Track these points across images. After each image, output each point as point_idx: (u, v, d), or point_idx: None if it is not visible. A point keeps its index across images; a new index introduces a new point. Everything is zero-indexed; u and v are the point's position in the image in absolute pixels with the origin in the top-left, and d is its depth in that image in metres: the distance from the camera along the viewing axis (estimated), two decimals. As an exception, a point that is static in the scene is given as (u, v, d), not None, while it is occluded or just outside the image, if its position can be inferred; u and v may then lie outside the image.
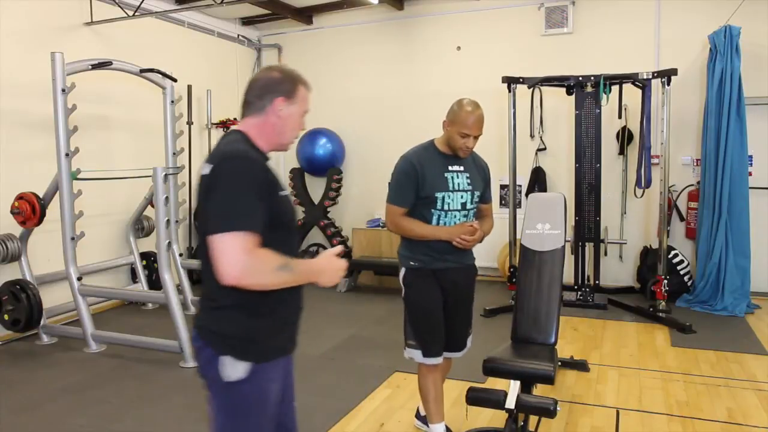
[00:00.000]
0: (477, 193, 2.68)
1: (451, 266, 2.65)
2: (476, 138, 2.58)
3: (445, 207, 2.61)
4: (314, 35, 7.37)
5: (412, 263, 2.66)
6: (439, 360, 2.67)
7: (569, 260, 5.35)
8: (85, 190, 4.44)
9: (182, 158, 5.89)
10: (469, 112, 2.52)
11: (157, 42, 6.08)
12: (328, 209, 7.11)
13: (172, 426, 3.14)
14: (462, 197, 2.63)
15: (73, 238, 4.34)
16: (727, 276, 5.19)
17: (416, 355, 2.66)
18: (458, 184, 2.62)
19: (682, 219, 5.86)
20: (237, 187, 1.50)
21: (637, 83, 5.26)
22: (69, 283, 4.41)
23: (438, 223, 2.62)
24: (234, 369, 1.56)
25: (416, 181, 2.58)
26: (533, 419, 2.77)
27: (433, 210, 2.61)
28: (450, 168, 2.62)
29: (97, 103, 5.40)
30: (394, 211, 2.66)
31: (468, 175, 2.66)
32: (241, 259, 1.45)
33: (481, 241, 2.68)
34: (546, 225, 4.22)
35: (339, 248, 1.69)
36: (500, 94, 5.86)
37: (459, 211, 2.63)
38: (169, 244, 4.34)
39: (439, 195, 2.59)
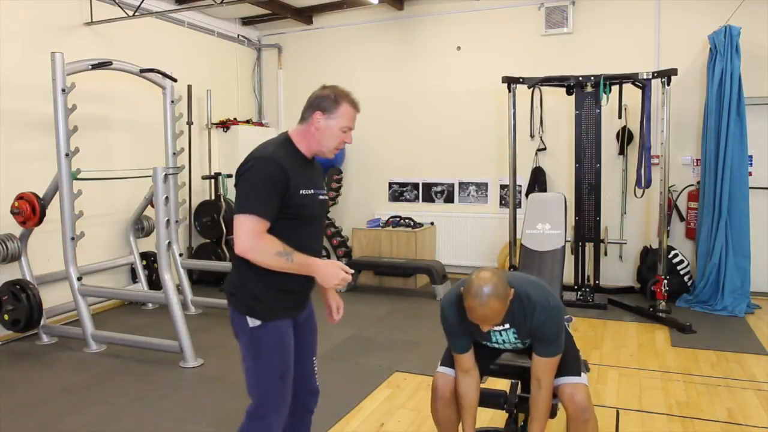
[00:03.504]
0: (529, 342, 2.27)
1: None
2: (494, 325, 2.13)
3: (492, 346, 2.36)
4: (314, 35, 7.37)
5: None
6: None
7: (569, 260, 5.36)
8: (85, 190, 4.44)
9: (182, 158, 5.89)
10: (471, 307, 2.06)
11: (157, 42, 6.08)
12: (328, 209, 7.11)
13: (172, 426, 3.14)
14: (510, 347, 2.33)
15: (73, 238, 4.34)
16: (727, 276, 5.19)
17: None
18: (503, 340, 2.29)
19: (682, 219, 5.86)
20: (253, 182, 1.88)
21: (637, 83, 5.26)
22: (69, 283, 4.41)
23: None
24: (250, 320, 1.96)
25: (463, 334, 2.28)
26: (533, 419, 2.77)
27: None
28: (492, 329, 2.23)
29: (97, 103, 5.40)
30: (455, 358, 2.34)
31: (515, 330, 2.23)
32: (248, 237, 1.84)
33: None
34: (546, 225, 4.23)
35: (350, 270, 1.94)
36: (500, 94, 5.87)
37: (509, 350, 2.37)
38: (169, 244, 4.34)
39: (483, 342, 2.33)
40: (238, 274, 1.99)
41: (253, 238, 1.84)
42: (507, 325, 2.21)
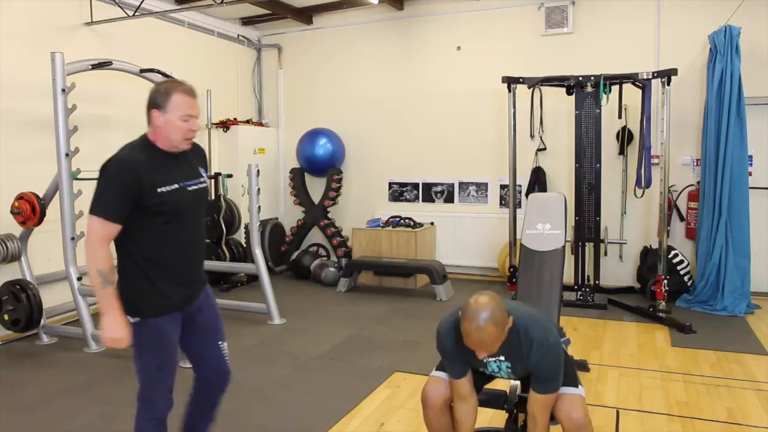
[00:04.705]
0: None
1: None
2: (490, 352, 2.08)
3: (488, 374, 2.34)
4: (314, 35, 7.37)
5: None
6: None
7: (569, 260, 5.34)
8: (85, 190, 4.44)
9: (182, 158, 5.88)
10: (467, 331, 2.02)
11: (157, 42, 6.08)
12: (328, 209, 7.11)
13: (171, 426, 3.13)
14: (505, 376, 2.30)
15: (73, 238, 4.34)
16: (727, 276, 5.19)
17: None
18: (498, 368, 2.25)
19: (682, 219, 5.86)
20: (104, 185, 1.95)
21: (637, 83, 5.26)
22: (69, 283, 4.41)
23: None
24: (130, 317, 2.09)
25: (460, 360, 2.26)
26: (533, 419, 2.76)
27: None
28: (486, 358, 2.21)
29: (97, 103, 5.40)
30: (451, 383, 2.31)
31: (510, 363, 2.20)
32: (91, 240, 1.95)
33: None
34: (546, 225, 4.22)
35: (126, 342, 2.08)
36: (500, 94, 5.87)
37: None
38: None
39: (479, 368, 2.31)
40: (121, 274, 2.08)
41: (94, 244, 1.94)
42: (502, 357, 2.18)
